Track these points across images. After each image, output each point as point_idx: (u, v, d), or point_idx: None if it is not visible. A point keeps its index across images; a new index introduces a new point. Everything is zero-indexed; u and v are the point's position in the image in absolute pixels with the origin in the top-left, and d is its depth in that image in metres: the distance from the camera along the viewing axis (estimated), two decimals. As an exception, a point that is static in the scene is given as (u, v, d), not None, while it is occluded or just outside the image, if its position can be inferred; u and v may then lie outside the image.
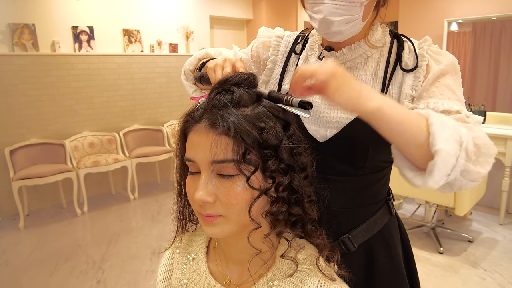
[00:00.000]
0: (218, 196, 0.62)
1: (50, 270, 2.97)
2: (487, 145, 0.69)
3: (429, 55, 0.87)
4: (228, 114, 0.60)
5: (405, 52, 0.89)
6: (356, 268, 0.93)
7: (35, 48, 4.06)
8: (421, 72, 0.85)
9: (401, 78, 0.88)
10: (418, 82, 0.85)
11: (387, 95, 0.87)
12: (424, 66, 0.85)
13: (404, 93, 0.86)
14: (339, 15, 0.82)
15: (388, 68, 0.89)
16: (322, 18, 0.83)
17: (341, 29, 0.84)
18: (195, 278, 0.77)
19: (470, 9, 4.20)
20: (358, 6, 0.82)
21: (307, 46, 1.01)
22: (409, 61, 0.88)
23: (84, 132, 4.47)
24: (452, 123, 0.67)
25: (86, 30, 4.39)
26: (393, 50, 0.91)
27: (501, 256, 3.03)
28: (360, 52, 0.91)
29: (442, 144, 0.62)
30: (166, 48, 5.14)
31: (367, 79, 0.91)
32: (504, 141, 3.47)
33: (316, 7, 0.84)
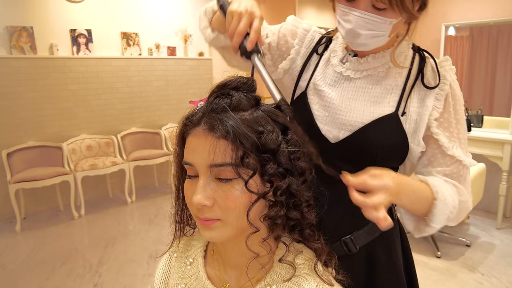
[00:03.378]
0: (216, 199, 0.61)
1: (46, 273, 2.96)
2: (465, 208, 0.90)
3: (451, 77, 0.90)
4: (227, 118, 0.60)
5: (428, 69, 0.91)
6: (358, 270, 0.96)
7: (33, 51, 4.05)
8: (442, 95, 0.88)
9: (423, 94, 0.90)
10: (440, 104, 0.88)
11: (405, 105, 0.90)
12: (446, 90, 0.88)
13: (427, 112, 0.88)
14: (368, 29, 0.83)
15: (409, 80, 0.91)
16: (350, 29, 0.84)
17: (367, 42, 0.86)
18: (193, 283, 0.76)
19: (467, 14, 4.22)
20: (388, 24, 0.83)
21: (330, 48, 1.02)
22: (432, 79, 0.90)
23: (82, 135, 4.46)
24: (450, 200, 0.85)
25: (84, 33, 4.39)
26: (415, 64, 0.93)
27: (498, 260, 3.03)
28: (383, 62, 0.93)
29: (437, 224, 0.85)
30: (164, 51, 5.15)
31: (387, 87, 0.92)
32: (501, 145, 3.49)
33: (346, 16, 0.85)
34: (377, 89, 0.92)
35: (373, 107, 0.90)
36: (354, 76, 0.94)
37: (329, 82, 0.97)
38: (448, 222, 0.89)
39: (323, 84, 0.97)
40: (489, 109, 4.25)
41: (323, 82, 0.98)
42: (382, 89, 0.92)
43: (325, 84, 0.97)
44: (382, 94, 0.91)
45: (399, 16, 0.83)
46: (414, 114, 0.89)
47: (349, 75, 0.95)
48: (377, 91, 0.92)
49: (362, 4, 0.82)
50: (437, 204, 0.83)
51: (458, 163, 0.90)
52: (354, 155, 0.91)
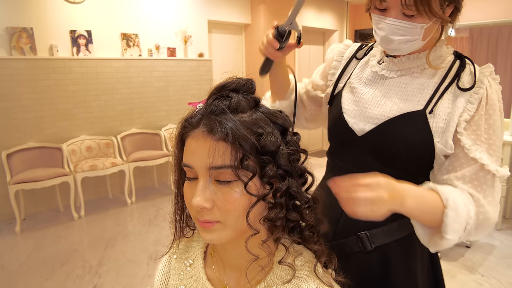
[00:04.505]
0: (215, 202, 0.61)
1: (46, 274, 2.96)
2: (487, 220, 0.85)
3: (489, 83, 0.89)
4: (226, 120, 0.60)
5: (465, 73, 0.93)
6: (372, 269, 0.97)
7: (33, 52, 4.05)
8: (476, 98, 0.88)
9: (456, 96, 0.91)
10: (472, 106, 0.88)
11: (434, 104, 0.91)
12: (481, 94, 0.88)
13: (457, 113, 0.88)
14: (400, 35, 0.88)
15: (444, 82, 0.93)
16: (383, 36, 0.90)
17: (400, 47, 0.91)
18: (192, 284, 0.76)
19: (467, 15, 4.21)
20: (419, 29, 0.87)
21: (370, 53, 1.08)
22: (467, 82, 0.91)
23: (82, 136, 4.46)
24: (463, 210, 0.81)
25: (84, 34, 4.39)
26: (453, 69, 0.94)
27: (498, 262, 3.03)
28: (418, 63, 0.96)
29: (451, 235, 0.80)
30: (164, 52, 5.15)
31: (419, 86, 0.94)
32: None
33: (379, 25, 0.91)
34: (409, 87, 0.95)
35: (402, 103, 0.94)
36: (388, 75, 0.99)
37: (364, 81, 1.03)
38: (468, 236, 0.84)
39: (359, 82, 1.04)
40: (489, 110, 4.25)
41: (358, 81, 1.04)
42: (414, 88, 0.94)
43: (361, 83, 1.04)
44: (414, 93, 0.94)
45: (429, 21, 0.86)
46: (443, 114, 0.90)
47: (384, 74, 1.00)
48: (409, 90, 0.95)
49: (393, 12, 0.87)
50: (447, 212, 0.80)
51: (480, 168, 0.86)
52: (379, 148, 0.94)
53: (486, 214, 0.85)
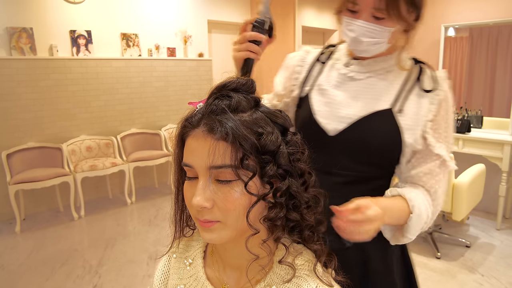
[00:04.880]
0: (215, 201, 0.61)
1: (46, 274, 2.96)
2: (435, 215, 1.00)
3: (446, 87, 1.00)
4: (226, 119, 0.60)
5: (425, 76, 1.02)
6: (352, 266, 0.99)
7: (33, 52, 4.06)
8: (437, 100, 0.98)
9: (420, 97, 1.00)
10: (434, 107, 0.98)
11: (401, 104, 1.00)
12: (442, 95, 0.98)
13: (423, 113, 0.98)
14: (369, 37, 0.95)
15: (407, 84, 1.02)
16: (354, 37, 0.96)
17: (368, 48, 0.97)
18: (192, 283, 0.76)
19: (467, 15, 4.22)
20: (387, 32, 0.94)
21: (333, 57, 1.13)
22: (428, 85, 1.00)
23: (82, 136, 4.46)
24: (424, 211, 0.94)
25: (84, 34, 4.40)
26: (414, 71, 1.03)
27: (498, 261, 3.03)
28: (383, 66, 1.04)
29: (411, 235, 0.95)
30: (164, 52, 5.15)
31: (385, 87, 1.02)
32: (501, 146, 3.49)
33: (350, 26, 0.96)
34: (376, 88, 1.02)
35: (371, 103, 1.00)
36: (357, 77, 1.05)
37: (334, 83, 1.07)
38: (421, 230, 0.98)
39: (328, 85, 1.08)
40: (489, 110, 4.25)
41: (327, 83, 1.08)
42: (381, 89, 1.02)
43: (330, 85, 1.07)
44: (381, 93, 1.01)
45: (396, 25, 0.94)
46: (411, 113, 0.99)
47: (352, 76, 1.05)
48: (377, 90, 1.02)
49: (364, 15, 0.93)
50: (412, 217, 0.92)
51: (441, 163, 0.99)
52: (352, 146, 0.99)
53: (439, 204, 1.00)
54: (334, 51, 1.15)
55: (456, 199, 2.92)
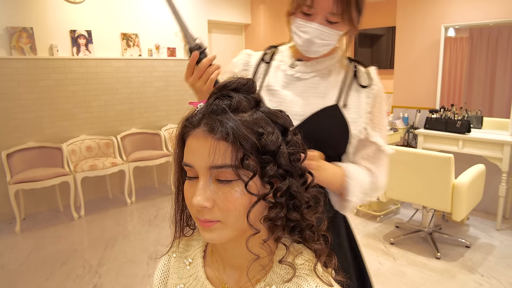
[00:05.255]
0: (216, 201, 0.61)
1: (46, 274, 2.96)
2: (379, 187, 1.14)
3: (378, 82, 1.13)
4: (227, 119, 0.60)
5: (360, 74, 1.14)
6: None
7: (33, 52, 4.06)
8: (372, 94, 1.11)
9: (357, 94, 1.12)
10: (370, 100, 1.11)
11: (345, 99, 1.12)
12: (375, 90, 1.11)
13: (362, 107, 1.11)
14: (321, 39, 1.03)
15: (346, 82, 1.13)
16: (307, 39, 1.03)
17: (318, 50, 1.06)
18: (192, 283, 0.76)
19: (467, 15, 4.22)
20: (336, 35, 1.04)
21: (277, 58, 1.21)
22: (364, 81, 1.12)
23: (82, 136, 4.47)
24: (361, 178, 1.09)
25: (84, 34, 4.40)
26: (350, 70, 1.15)
27: (498, 262, 3.03)
28: (325, 65, 1.13)
29: (352, 197, 1.07)
30: (164, 52, 5.15)
31: (328, 85, 1.13)
32: (501, 146, 3.49)
33: (304, 28, 1.03)
34: (321, 86, 1.12)
35: (319, 100, 1.10)
36: (303, 77, 1.14)
37: (282, 84, 1.15)
38: (366, 197, 1.12)
39: (277, 85, 1.15)
40: (489, 110, 4.25)
41: (276, 84, 1.15)
42: (326, 87, 1.12)
43: (279, 86, 1.15)
44: (326, 90, 1.12)
45: (345, 29, 1.04)
46: (354, 107, 1.10)
47: (299, 76, 1.14)
48: (322, 88, 1.12)
49: (318, 18, 1.00)
50: (348, 181, 1.06)
51: (377, 149, 1.12)
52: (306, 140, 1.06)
53: (377, 179, 1.13)
54: (276, 52, 1.22)
55: (456, 200, 2.92)
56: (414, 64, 4.72)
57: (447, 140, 3.88)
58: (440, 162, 2.89)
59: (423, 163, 2.99)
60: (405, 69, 4.82)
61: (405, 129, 4.66)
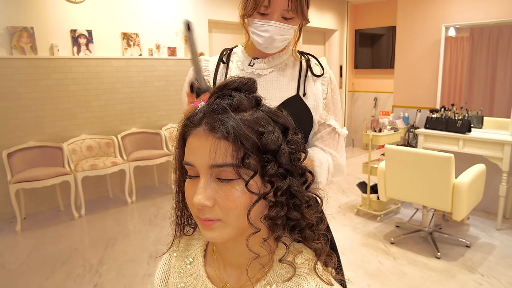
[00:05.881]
0: (216, 200, 0.62)
1: (46, 273, 2.96)
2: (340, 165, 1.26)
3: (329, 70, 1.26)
4: (228, 118, 0.61)
5: (312, 64, 1.25)
6: None
7: (34, 51, 4.06)
8: (326, 81, 1.24)
9: (313, 83, 1.23)
10: (324, 87, 1.24)
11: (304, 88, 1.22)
12: (328, 77, 1.24)
13: (318, 95, 1.22)
14: (281, 34, 1.13)
15: (302, 73, 1.24)
16: (269, 36, 1.12)
17: (278, 45, 1.16)
18: (192, 282, 0.77)
19: (467, 15, 4.22)
20: (292, 30, 1.15)
21: (234, 59, 1.29)
22: (317, 71, 1.24)
23: (82, 135, 4.47)
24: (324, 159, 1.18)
25: (85, 33, 4.40)
26: (303, 62, 1.26)
27: (498, 261, 3.03)
28: (281, 60, 1.24)
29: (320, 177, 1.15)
30: (165, 52, 5.15)
31: (287, 78, 1.22)
32: (501, 146, 3.49)
33: (263, 28, 1.12)
34: (281, 80, 1.22)
35: (281, 93, 1.20)
36: (262, 73, 1.23)
37: None
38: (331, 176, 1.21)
39: None
40: (489, 110, 4.25)
41: None
42: (284, 80, 1.22)
43: None
44: (285, 83, 1.21)
45: (298, 23, 1.15)
46: (312, 94, 1.22)
47: (259, 73, 1.23)
48: (281, 81, 1.22)
49: (275, 16, 1.09)
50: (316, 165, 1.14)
51: (333, 131, 1.23)
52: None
53: (338, 161, 1.24)
54: (231, 53, 1.31)
55: (456, 199, 2.92)
56: (415, 63, 4.72)
57: (448, 140, 3.88)
58: (440, 162, 2.89)
59: (423, 163, 3.00)
60: (406, 68, 4.82)
61: (406, 128, 4.66)
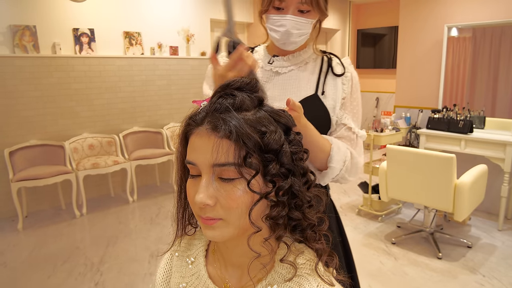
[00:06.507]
0: (218, 199, 0.62)
1: (48, 271, 2.97)
2: (357, 164, 1.17)
3: (351, 68, 1.21)
4: (230, 117, 0.61)
5: (334, 63, 1.21)
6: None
7: (36, 50, 4.07)
8: (347, 80, 1.19)
9: (334, 83, 1.19)
10: (345, 87, 1.19)
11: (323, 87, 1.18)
12: (349, 76, 1.20)
13: (339, 94, 1.18)
14: (297, 29, 1.10)
15: (322, 72, 1.20)
16: (285, 31, 1.10)
17: (296, 40, 1.13)
18: (194, 282, 0.77)
19: (470, 15, 4.21)
20: (309, 24, 1.12)
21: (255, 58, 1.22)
22: (338, 70, 1.20)
23: (84, 134, 4.48)
24: (343, 148, 1.12)
25: (87, 32, 4.40)
26: (324, 61, 1.22)
27: (500, 262, 3.03)
28: (301, 59, 1.22)
29: (335, 163, 1.08)
30: (167, 51, 5.16)
31: (306, 76, 1.19)
32: (503, 147, 3.48)
33: (279, 22, 1.10)
34: (300, 78, 1.19)
35: (299, 91, 1.17)
36: (281, 71, 1.21)
37: (262, 80, 1.21)
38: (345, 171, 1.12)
39: None
40: (492, 110, 4.24)
41: None
42: (304, 78, 1.19)
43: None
44: (304, 81, 1.18)
45: (316, 17, 1.12)
46: (331, 94, 1.18)
47: (278, 71, 1.21)
48: (300, 80, 1.19)
49: (291, 10, 1.08)
50: (333, 147, 1.09)
51: (348, 130, 1.18)
52: None
53: (356, 159, 1.16)
54: (252, 52, 1.29)
55: (458, 200, 2.91)
56: (417, 64, 4.71)
57: (449, 140, 3.88)
58: (442, 162, 2.89)
59: (425, 163, 2.99)
60: (408, 68, 4.82)
61: (407, 129, 4.65)
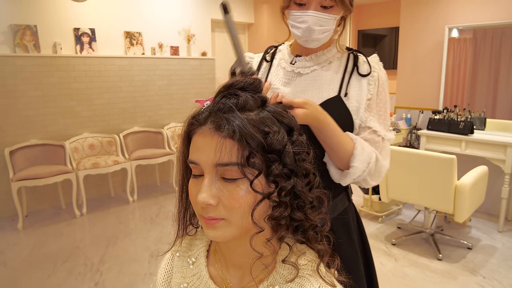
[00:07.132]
0: (221, 199, 0.62)
1: (48, 271, 2.97)
2: (382, 167, 1.09)
3: (379, 67, 1.14)
4: (233, 117, 0.61)
5: (360, 62, 1.14)
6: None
7: (37, 50, 4.07)
8: (373, 80, 1.11)
9: (359, 81, 1.12)
10: (371, 87, 1.11)
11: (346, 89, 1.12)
12: (375, 76, 1.12)
13: (363, 95, 1.10)
14: (320, 25, 1.05)
15: (346, 72, 1.13)
16: (306, 27, 1.05)
17: (319, 37, 1.07)
18: (195, 282, 0.76)
19: (470, 16, 4.21)
20: (333, 20, 1.06)
21: (278, 57, 1.23)
22: (363, 70, 1.13)
23: (84, 134, 4.47)
24: (368, 149, 1.05)
25: (88, 32, 4.41)
26: (350, 60, 1.15)
27: (500, 264, 3.03)
28: (324, 59, 1.15)
29: (357, 163, 1.02)
30: (167, 51, 5.16)
31: (329, 77, 1.13)
32: (504, 148, 3.48)
33: (301, 18, 1.05)
34: (322, 79, 1.13)
35: (321, 93, 1.11)
36: (303, 72, 1.15)
37: (283, 81, 1.17)
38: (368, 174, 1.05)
39: (278, 83, 1.17)
40: (492, 111, 4.24)
41: (277, 81, 1.18)
42: (326, 79, 1.13)
43: (280, 83, 1.17)
44: (326, 83, 1.12)
45: (340, 13, 1.06)
46: (355, 95, 1.11)
47: (299, 72, 1.16)
48: (323, 81, 1.13)
49: (313, 5, 1.03)
50: (357, 146, 1.03)
51: (373, 133, 1.10)
52: (311, 136, 1.05)
53: (381, 162, 1.08)
54: (276, 51, 1.25)
55: (458, 201, 2.91)
56: (418, 64, 4.71)
57: (450, 141, 3.87)
58: (442, 163, 2.88)
59: (425, 164, 2.99)
60: (409, 69, 4.81)
61: (408, 130, 4.65)
